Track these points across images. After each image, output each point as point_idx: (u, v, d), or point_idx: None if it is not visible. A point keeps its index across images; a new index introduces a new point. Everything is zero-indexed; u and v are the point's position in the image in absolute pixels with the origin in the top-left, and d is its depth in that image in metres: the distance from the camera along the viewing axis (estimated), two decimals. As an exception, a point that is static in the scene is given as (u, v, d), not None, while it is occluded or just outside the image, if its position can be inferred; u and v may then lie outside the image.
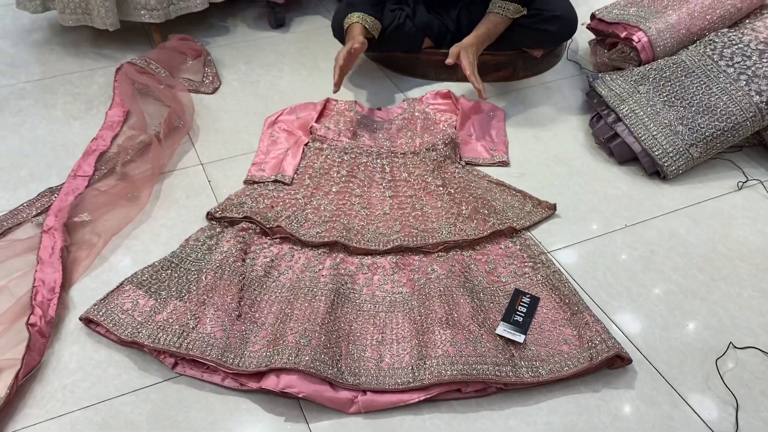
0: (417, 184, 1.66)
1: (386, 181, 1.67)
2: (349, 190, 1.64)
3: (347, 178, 1.67)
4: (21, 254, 1.43)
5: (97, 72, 2.14)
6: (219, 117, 1.95)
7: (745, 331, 1.33)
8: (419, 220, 1.54)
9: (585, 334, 1.27)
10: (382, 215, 1.57)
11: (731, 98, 1.71)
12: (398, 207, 1.59)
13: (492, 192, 1.64)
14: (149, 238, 1.52)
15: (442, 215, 1.55)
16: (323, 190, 1.64)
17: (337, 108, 1.93)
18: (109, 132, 1.82)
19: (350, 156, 1.73)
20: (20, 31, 2.37)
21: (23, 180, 1.69)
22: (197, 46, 2.21)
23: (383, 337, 1.28)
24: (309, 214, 1.55)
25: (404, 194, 1.63)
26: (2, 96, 2.02)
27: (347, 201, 1.60)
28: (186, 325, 1.25)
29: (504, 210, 1.57)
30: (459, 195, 1.61)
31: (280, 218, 1.51)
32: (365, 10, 1.90)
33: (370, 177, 1.68)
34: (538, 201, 1.61)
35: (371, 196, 1.63)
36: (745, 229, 1.58)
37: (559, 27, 1.99)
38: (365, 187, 1.65)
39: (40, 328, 1.25)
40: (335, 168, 1.69)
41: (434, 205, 1.59)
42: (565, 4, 2.01)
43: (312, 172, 1.69)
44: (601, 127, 1.82)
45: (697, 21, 1.94)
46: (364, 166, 1.71)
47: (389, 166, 1.71)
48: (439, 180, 1.65)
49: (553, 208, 1.60)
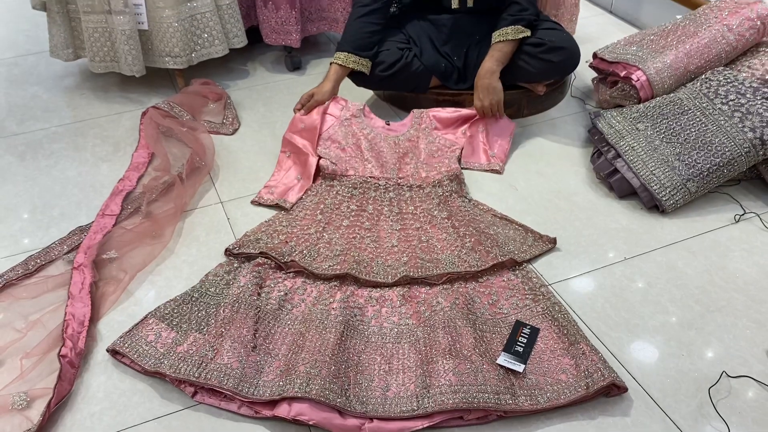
0: (423, 217, 1.74)
1: (394, 214, 1.75)
2: (359, 223, 1.73)
3: (357, 212, 1.76)
4: (53, 290, 1.54)
5: (124, 115, 2.28)
6: (238, 157, 2.06)
7: (738, 360, 1.38)
8: (425, 251, 1.62)
9: (582, 363, 1.33)
10: (390, 247, 1.65)
11: (726, 135, 1.78)
12: (405, 239, 1.68)
13: (495, 226, 1.72)
14: (172, 273, 1.62)
15: (446, 247, 1.63)
16: (334, 224, 1.72)
17: (343, 113, 2.01)
18: (135, 173, 1.94)
19: (359, 191, 1.82)
20: (53, 78, 2.52)
21: (55, 219, 1.80)
22: (218, 89, 2.34)
23: (390, 367, 1.36)
24: (321, 249, 1.63)
25: (411, 227, 1.71)
26: (36, 139, 2.16)
27: (357, 234, 1.69)
28: (205, 356, 1.33)
29: (506, 243, 1.65)
30: (463, 228, 1.69)
31: (294, 252, 1.60)
32: (349, 48, 2.03)
33: (379, 210, 1.77)
34: (539, 235, 1.69)
35: (380, 230, 1.71)
36: (741, 261, 1.63)
37: (563, 58, 2.06)
38: (374, 221, 1.74)
39: (70, 359, 1.35)
40: (345, 203, 1.79)
41: (439, 237, 1.67)
42: (568, 38, 2.10)
43: (323, 207, 1.77)
44: (601, 163, 1.90)
45: (694, 60, 2.01)
46: (372, 200, 1.80)
47: (396, 200, 1.80)
48: (444, 213, 1.74)
49: (553, 242, 1.67)
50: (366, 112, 2.04)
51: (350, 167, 1.88)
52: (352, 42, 2.03)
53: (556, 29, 2.08)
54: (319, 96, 2.01)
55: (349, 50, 2.02)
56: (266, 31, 2.46)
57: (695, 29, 2.08)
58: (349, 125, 1.98)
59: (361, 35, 2.04)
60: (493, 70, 1.98)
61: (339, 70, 2.04)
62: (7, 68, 2.61)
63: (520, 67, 2.05)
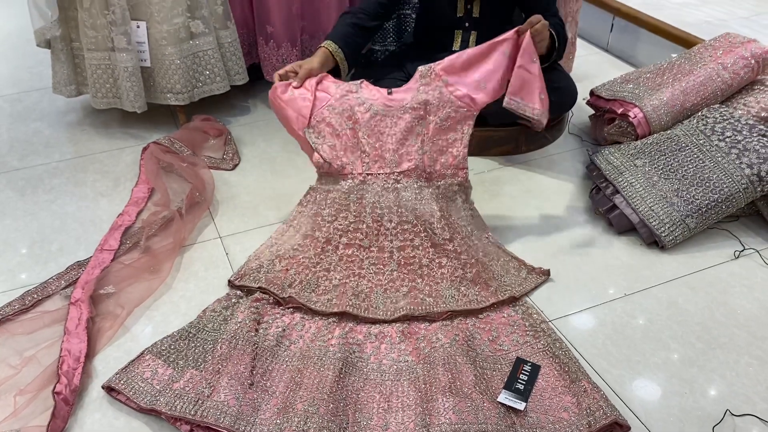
0: (425, 233, 1.65)
1: (393, 225, 1.66)
2: (357, 241, 1.66)
3: (354, 224, 1.67)
4: (49, 325, 1.53)
5: (124, 151, 2.29)
6: (238, 192, 2.06)
7: (742, 398, 1.36)
8: (425, 281, 1.62)
9: (584, 401, 1.31)
10: (389, 273, 1.63)
11: (724, 171, 1.79)
12: (406, 262, 1.64)
13: (490, 255, 1.72)
14: (169, 309, 1.61)
15: (447, 275, 1.62)
16: (333, 243, 1.67)
17: (339, 90, 1.75)
18: (134, 208, 1.94)
19: (356, 196, 1.68)
20: (56, 114, 2.54)
21: (53, 254, 1.80)
22: (219, 125, 2.36)
23: (389, 405, 1.34)
24: (320, 279, 1.62)
25: (411, 244, 1.65)
26: (37, 174, 2.16)
27: (356, 257, 1.65)
28: (201, 393, 1.32)
29: (502, 275, 1.66)
30: (464, 256, 1.65)
31: (294, 284, 1.60)
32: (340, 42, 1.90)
33: (378, 221, 1.66)
34: (532, 267, 1.70)
35: (379, 249, 1.65)
36: (741, 298, 1.62)
37: (560, 96, 2.07)
38: (373, 237, 1.66)
39: (65, 396, 1.33)
40: (342, 213, 1.68)
41: (440, 263, 1.64)
42: (565, 76, 2.13)
43: (320, 221, 1.70)
44: (600, 198, 1.90)
45: (690, 97, 2.04)
46: (371, 208, 1.67)
47: (395, 206, 1.67)
48: (447, 233, 1.66)
49: (546, 274, 1.68)
50: (364, 85, 1.76)
51: (346, 162, 1.70)
52: (342, 38, 1.92)
53: (554, 68, 2.11)
54: (308, 65, 1.80)
55: (340, 45, 1.90)
56: (267, 68, 2.49)
57: (690, 67, 2.11)
58: (346, 102, 1.72)
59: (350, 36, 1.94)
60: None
61: (328, 54, 1.88)
62: (11, 104, 2.64)
63: None
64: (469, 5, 2.06)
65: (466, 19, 2.09)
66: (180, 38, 2.19)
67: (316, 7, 2.42)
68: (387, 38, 2.52)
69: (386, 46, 2.53)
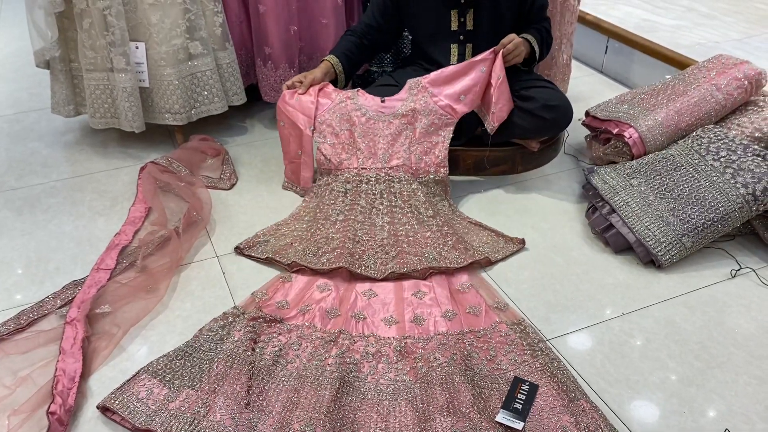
0: (411, 213, 1.91)
1: (384, 207, 1.92)
2: (352, 216, 1.90)
3: (350, 205, 1.93)
4: (44, 345, 1.52)
5: (122, 170, 2.29)
6: (235, 211, 2.06)
7: (741, 418, 1.36)
8: (411, 247, 1.80)
9: (582, 421, 1.30)
10: (380, 240, 1.82)
11: (719, 190, 1.80)
12: (394, 234, 1.85)
13: (470, 232, 1.91)
14: (165, 328, 1.60)
15: (430, 243, 1.81)
16: (331, 219, 1.89)
17: (339, 96, 2.07)
18: (131, 227, 1.94)
19: (352, 185, 1.97)
20: (54, 134, 2.55)
21: (50, 273, 1.79)
22: (217, 145, 2.36)
23: (387, 425, 1.33)
24: (320, 245, 1.80)
25: (399, 221, 1.89)
26: (34, 194, 2.16)
27: (351, 227, 1.85)
28: (197, 413, 1.31)
29: (480, 246, 1.84)
30: (446, 228, 1.87)
31: (298, 252, 1.78)
32: (341, 57, 2.14)
33: (371, 204, 1.93)
34: (509, 237, 1.88)
35: (372, 223, 1.88)
36: (739, 317, 1.62)
37: (555, 115, 2.09)
38: (366, 214, 1.91)
39: (59, 416, 1.32)
40: (340, 198, 1.95)
41: (424, 234, 1.84)
42: (561, 96, 2.14)
43: (321, 205, 1.95)
44: (596, 218, 1.91)
45: (685, 117, 2.06)
46: (365, 193, 1.95)
47: (387, 192, 1.95)
48: (430, 211, 1.91)
49: (522, 242, 1.86)
50: (360, 93, 2.08)
51: (344, 158, 2.00)
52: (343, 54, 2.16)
53: (549, 87, 2.13)
54: (312, 75, 2.10)
55: (341, 60, 2.15)
56: (265, 89, 2.51)
57: (684, 88, 2.13)
58: (344, 107, 2.04)
59: (350, 53, 2.17)
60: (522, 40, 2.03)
61: (329, 66, 2.13)
62: (9, 124, 2.64)
63: (514, 124, 2.09)
64: (463, 18, 2.09)
65: (461, 32, 2.12)
66: (179, 59, 2.21)
67: (314, 29, 2.45)
68: (384, 59, 2.54)
69: (383, 67, 2.55)
